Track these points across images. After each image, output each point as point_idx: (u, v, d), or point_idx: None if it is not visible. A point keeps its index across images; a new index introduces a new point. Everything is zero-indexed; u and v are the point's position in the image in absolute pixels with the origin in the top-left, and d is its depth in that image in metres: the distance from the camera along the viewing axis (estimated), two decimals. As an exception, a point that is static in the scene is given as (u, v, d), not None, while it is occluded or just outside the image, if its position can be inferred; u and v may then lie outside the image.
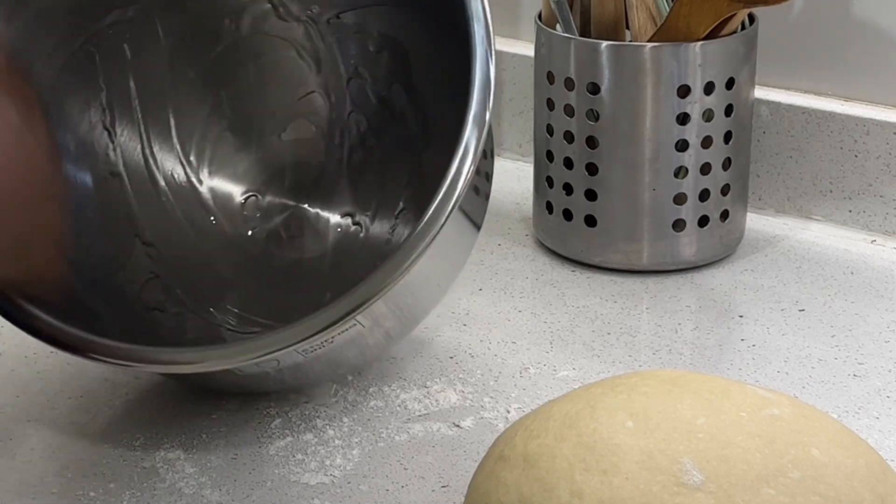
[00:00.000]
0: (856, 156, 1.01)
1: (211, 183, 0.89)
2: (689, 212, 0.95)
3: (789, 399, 0.63)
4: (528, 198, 1.03)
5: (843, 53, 1.02)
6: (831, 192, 1.02)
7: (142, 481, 0.73)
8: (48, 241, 0.73)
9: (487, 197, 0.80)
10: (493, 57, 0.71)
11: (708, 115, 0.94)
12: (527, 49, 1.10)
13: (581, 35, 0.96)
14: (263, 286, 0.88)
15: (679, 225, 0.95)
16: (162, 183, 0.87)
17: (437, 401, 0.80)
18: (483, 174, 0.77)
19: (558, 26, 0.96)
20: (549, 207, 0.98)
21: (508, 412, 0.79)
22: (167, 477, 0.73)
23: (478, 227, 0.79)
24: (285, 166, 0.91)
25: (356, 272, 0.71)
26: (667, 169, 0.94)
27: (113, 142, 0.85)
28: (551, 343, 0.87)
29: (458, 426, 0.78)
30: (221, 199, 0.89)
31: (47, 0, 0.79)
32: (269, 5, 0.87)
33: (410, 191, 0.87)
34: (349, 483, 0.73)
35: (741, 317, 0.90)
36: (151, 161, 0.87)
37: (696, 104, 0.93)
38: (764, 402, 0.62)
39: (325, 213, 0.90)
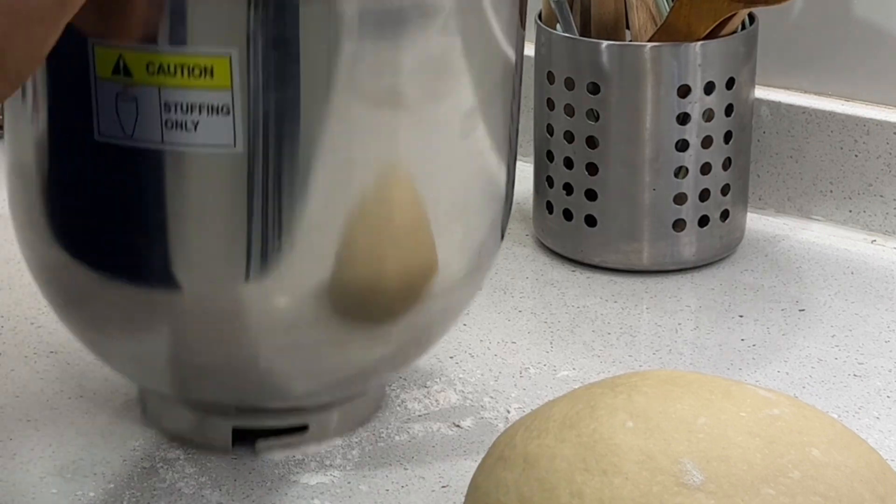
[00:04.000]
0: (856, 156, 1.01)
1: None
2: (689, 212, 0.95)
3: (789, 399, 0.63)
4: (528, 198, 1.03)
5: (843, 53, 1.02)
6: (831, 192, 1.02)
7: (142, 481, 0.73)
8: None
9: None
10: None
11: (708, 115, 0.94)
12: (527, 49, 1.09)
13: (581, 35, 0.96)
14: None
15: (679, 225, 0.95)
16: None
17: (437, 401, 0.80)
18: None
19: (558, 26, 0.96)
20: (549, 207, 0.98)
21: (508, 412, 0.79)
22: (167, 477, 0.73)
23: None
24: None
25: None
26: (667, 169, 0.94)
27: None
28: (551, 343, 0.87)
29: (458, 426, 0.78)
30: None
31: None
32: None
33: None
34: (349, 483, 0.73)
35: (741, 317, 0.90)
36: None
37: (696, 104, 0.93)
38: (764, 402, 0.62)
39: None
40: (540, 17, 0.98)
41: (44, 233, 0.71)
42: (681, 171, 0.94)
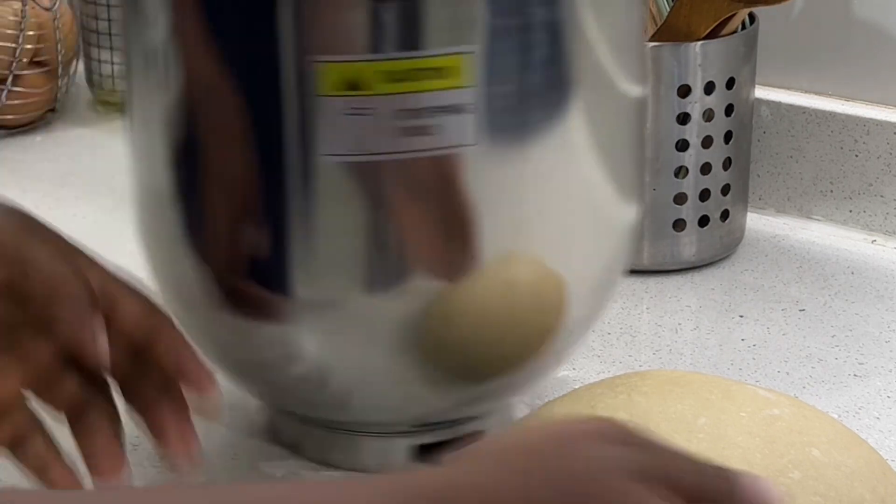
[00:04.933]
0: (856, 156, 1.01)
1: None
2: (689, 212, 0.95)
3: (789, 399, 0.63)
4: (528, 198, 1.03)
5: (843, 53, 1.02)
6: (831, 192, 1.02)
7: (142, 481, 0.73)
8: None
9: None
10: None
11: (708, 115, 0.94)
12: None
13: (581, 35, 0.96)
14: None
15: (679, 225, 0.95)
16: None
17: (437, 401, 0.80)
18: None
19: (558, 26, 0.96)
20: (549, 207, 0.98)
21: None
22: (167, 477, 0.73)
23: None
24: None
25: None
26: (667, 169, 0.94)
27: None
28: (551, 343, 0.87)
29: (458, 426, 0.78)
30: None
31: None
32: None
33: None
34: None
35: (741, 317, 0.90)
36: None
37: (696, 104, 0.93)
38: (764, 403, 0.61)
39: None
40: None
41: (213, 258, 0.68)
42: (681, 171, 0.94)
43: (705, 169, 0.95)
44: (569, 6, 0.65)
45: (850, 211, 1.02)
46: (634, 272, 0.95)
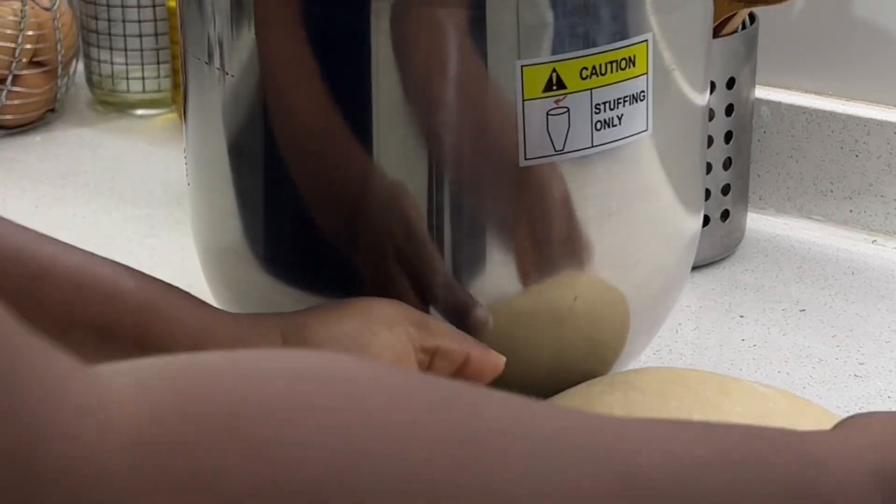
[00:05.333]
0: (856, 156, 1.01)
1: None
2: (689, 212, 0.95)
3: (785, 394, 0.63)
4: (528, 198, 1.03)
5: (843, 53, 1.02)
6: (832, 192, 1.02)
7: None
8: None
9: None
10: None
11: (709, 115, 0.93)
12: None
13: (581, 35, 0.96)
14: None
15: (679, 225, 0.95)
16: None
17: (436, 400, 0.80)
18: None
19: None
20: (549, 207, 0.98)
21: (508, 412, 0.79)
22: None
23: None
24: None
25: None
26: (667, 169, 0.94)
27: None
28: (551, 343, 0.87)
29: (457, 426, 0.77)
30: None
31: None
32: None
33: None
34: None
35: (742, 317, 0.90)
36: None
37: (696, 104, 0.93)
38: (760, 398, 0.61)
39: None
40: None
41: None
42: (681, 171, 0.94)
43: (706, 169, 0.94)
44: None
45: (850, 211, 1.02)
46: (634, 272, 0.95)
